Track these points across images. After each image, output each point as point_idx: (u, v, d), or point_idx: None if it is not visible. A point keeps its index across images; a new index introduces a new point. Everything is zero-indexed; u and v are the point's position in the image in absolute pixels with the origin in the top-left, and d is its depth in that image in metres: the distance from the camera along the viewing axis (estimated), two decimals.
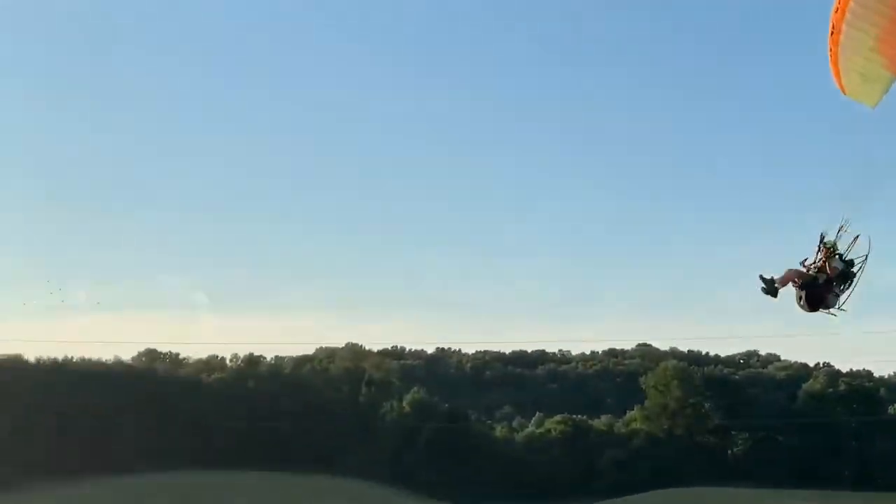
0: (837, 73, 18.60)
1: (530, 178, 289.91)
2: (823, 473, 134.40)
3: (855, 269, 18.06)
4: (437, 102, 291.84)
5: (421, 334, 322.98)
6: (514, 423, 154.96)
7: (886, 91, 18.64)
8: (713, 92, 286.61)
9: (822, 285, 17.79)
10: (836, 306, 18.02)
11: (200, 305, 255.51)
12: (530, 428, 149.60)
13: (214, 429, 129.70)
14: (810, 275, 18.10)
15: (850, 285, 17.88)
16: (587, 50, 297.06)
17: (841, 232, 18.53)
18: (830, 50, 17.95)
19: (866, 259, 18.23)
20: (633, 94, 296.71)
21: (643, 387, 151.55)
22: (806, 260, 18.36)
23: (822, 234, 18.24)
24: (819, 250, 18.09)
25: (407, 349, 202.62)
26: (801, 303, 17.99)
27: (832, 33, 17.35)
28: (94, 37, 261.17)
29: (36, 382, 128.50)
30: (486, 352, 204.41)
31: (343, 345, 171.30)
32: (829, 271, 17.85)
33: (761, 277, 18.28)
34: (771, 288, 18.14)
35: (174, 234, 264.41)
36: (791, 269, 18.23)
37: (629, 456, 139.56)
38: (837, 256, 18.06)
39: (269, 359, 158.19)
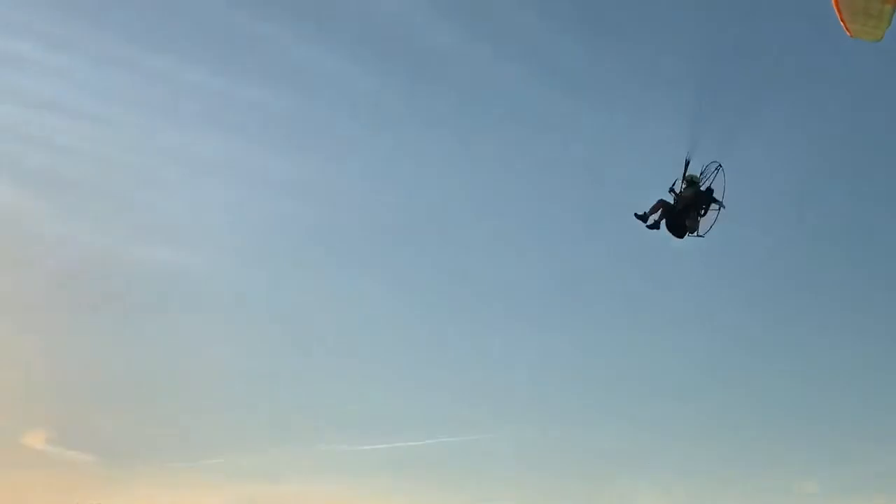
0: (843, 19, 19.16)
1: None
2: None
3: (717, 197, 18.98)
4: None
5: None
6: None
7: (890, 23, 19.23)
8: None
9: (680, 212, 18.80)
10: (697, 232, 18.92)
11: None
12: None
13: None
14: (670, 203, 19.07)
15: (706, 212, 18.83)
16: None
17: (708, 164, 19.25)
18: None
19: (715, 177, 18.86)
20: None
21: None
22: (674, 184, 19.15)
23: (686, 160, 19.05)
24: (683, 177, 18.96)
25: None
26: (668, 230, 18.97)
27: None
28: None
29: None
30: None
31: None
32: (678, 195, 18.92)
33: (635, 215, 19.26)
34: (645, 220, 19.10)
35: None
36: (660, 199, 19.11)
37: None
38: (695, 184, 18.95)
39: None
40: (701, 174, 19.39)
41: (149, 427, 57.18)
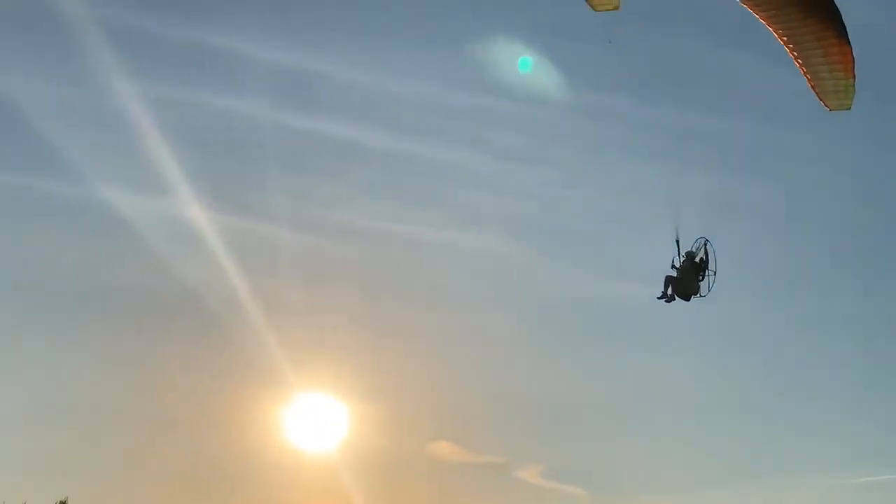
0: (820, 97, 21.29)
1: None
2: None
3: (710, 265, 22.76)
4: None
5: None
6: None
7: (853, 93, 21.25)
8: None
9: (683, 281, 22.58)
10: (701, 293, 22.75)
11: None
12: None
13: None
14: (674, 276, 22.74)
15: (704, 277, 22.64)
16: None
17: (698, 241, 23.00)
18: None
19: (706, 252, 22.76)
20: None
21: None
22: (674, 261, 22.74)
23: (676, 240, 22.77)
24: (679, 253, 22.66)
25: None
26: (673, 298, 22.98)
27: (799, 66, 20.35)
28: None
29: None
30: None
31: None
32: (678, 270, 22.73)
33: (657, 298, 22.88)
34: (664, 297, 22.79)
35: None
36: (666, 276, 22.84)
37: None
38: (686, 256, 22.70)
39: None
40: (693, 248, 22.94)
41: (626, 459, 57.96)
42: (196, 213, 60.12)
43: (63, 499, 69.32)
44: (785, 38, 20.23)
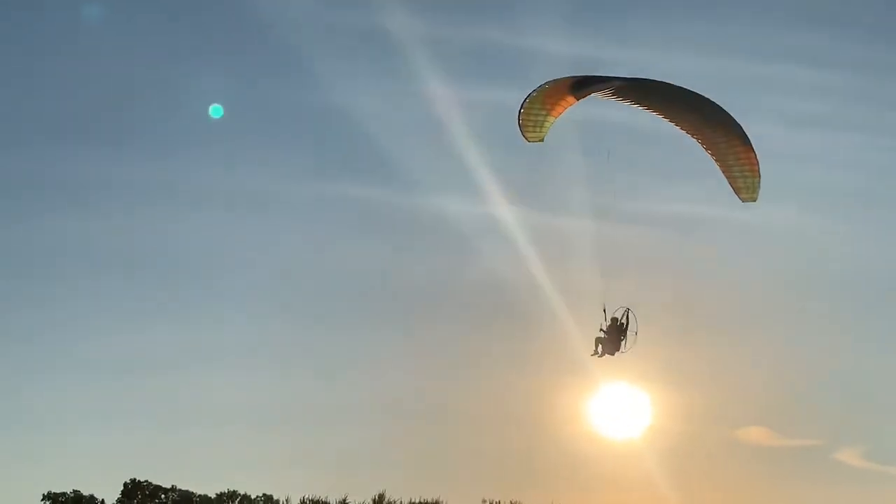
0: (734, 191, 26.20)
1: None
2: None
3: (627, 328, 27.16)
4: None
5: None
6: None
7: (758, 190, 26.26)
8: None
9: (608, 340, 27.25)
10: (621, 350, 27.31)
11: None
12: None
13: None
14: (602, 337, 27.44)
15: (626, 337, 27.23)
16: None
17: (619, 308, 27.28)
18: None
19: (627, 317, 27.02)
20: None
21: None
22: (602, 325, 27.48)
23: (604, 309, 27.31)
24: (605, 319, 27.32)
25: None
26: (604, 354, 27.72)
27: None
28: None
29: None
30: None
31: None
32: (604, 332, 27.39)
33: (591, 355, 27.43)
34: (596, 354, 27.48)
35: None
36: (596, 338, 27.49)
37: None
38: (611, 321, 27.25)
39: None
40: (616, 315, 27.43)
41: None
42: (503, 210, 60.17)
43: (381, 491, 68.07)
44: (706, 148, 25.12)
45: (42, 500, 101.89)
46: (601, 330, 27.31)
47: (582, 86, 22.92)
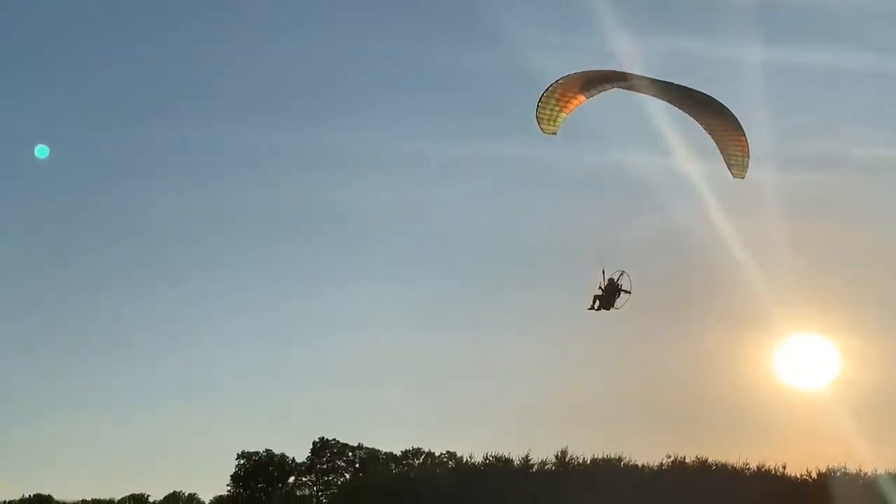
0: (728, 168, 30.65)
1: None
2: None
3: (623, 287, 31.19)
4: None
5: None
6: None
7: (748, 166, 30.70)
8: None
9: (605, 297, 31.44)
10: (616, 307, 31.44)
11: None
12: None
13: None
14: (600, 294, 31.63)
15: (620, 295, 31.41)
16: None
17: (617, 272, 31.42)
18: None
19: (622, 278, 30.99)
20: None
21: None
22: (600, 285, 31.71)
23: (602, 270, 31.44)
24: (604, 279, 31.49)
25: None
26: (603, 308, 31.72)
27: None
28: None
29: None
30: None
31: None
32: (602, 290, 31.48)
33: (588, 308, 31.55)
34: (593, 308, 31.64)
35: None
36: (594, 295, 31.74)
37: None
38: (609, 281, 31.43)
39: None
40: (614, 276, 31.64)
41: None
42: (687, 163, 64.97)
43: (563, 448, 73.13)
44: (706, 131, 29.83)
45: (237, 458, 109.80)
46: (599, 288, 31.39)
47: (591, 84, 27.90)
